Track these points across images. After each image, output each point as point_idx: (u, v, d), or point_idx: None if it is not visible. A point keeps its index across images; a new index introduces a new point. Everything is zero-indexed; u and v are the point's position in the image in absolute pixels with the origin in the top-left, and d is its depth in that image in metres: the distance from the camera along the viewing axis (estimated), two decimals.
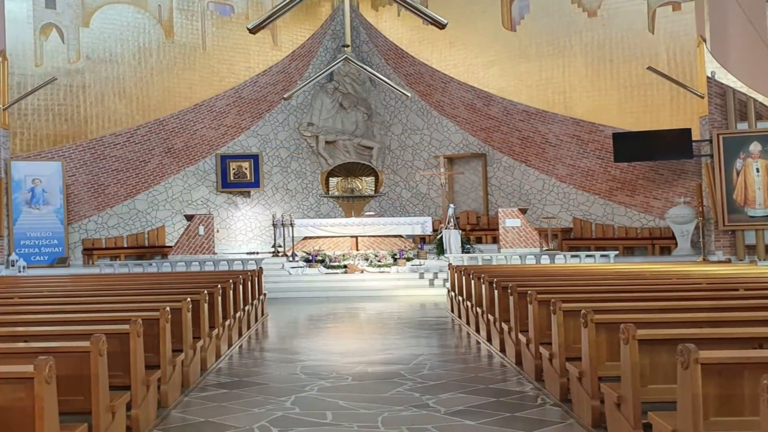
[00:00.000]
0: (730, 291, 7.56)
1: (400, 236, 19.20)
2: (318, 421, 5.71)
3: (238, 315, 10.26)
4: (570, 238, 20.10)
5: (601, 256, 16.71)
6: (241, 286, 10.73)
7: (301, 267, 17.34)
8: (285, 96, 19.90)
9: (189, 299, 7.31)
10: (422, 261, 17.55)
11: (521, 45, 21.81)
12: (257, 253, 20.53)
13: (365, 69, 19.21)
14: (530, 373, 7.19)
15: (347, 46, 18.21)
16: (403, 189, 23.73)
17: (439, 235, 18.60)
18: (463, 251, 18.05)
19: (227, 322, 9.33)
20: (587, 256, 16.81)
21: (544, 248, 17.89)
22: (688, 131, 17.61)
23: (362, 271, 17.09)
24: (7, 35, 18.96)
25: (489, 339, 9.35)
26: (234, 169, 21.83)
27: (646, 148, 17.92)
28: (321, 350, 9.17)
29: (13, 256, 17.36)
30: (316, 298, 15.48)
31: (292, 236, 19.19)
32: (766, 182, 16.87)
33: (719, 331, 4.92)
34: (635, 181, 19.46)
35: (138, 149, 20.61)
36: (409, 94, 20.63)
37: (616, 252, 17.28)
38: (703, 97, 17.60)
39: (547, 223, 19.14)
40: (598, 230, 19.91)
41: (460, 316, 11.74)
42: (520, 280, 9.07)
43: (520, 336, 7.65)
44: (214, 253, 18.28)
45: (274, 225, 19.84)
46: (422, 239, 20.44)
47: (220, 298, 8.96)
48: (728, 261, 15.16)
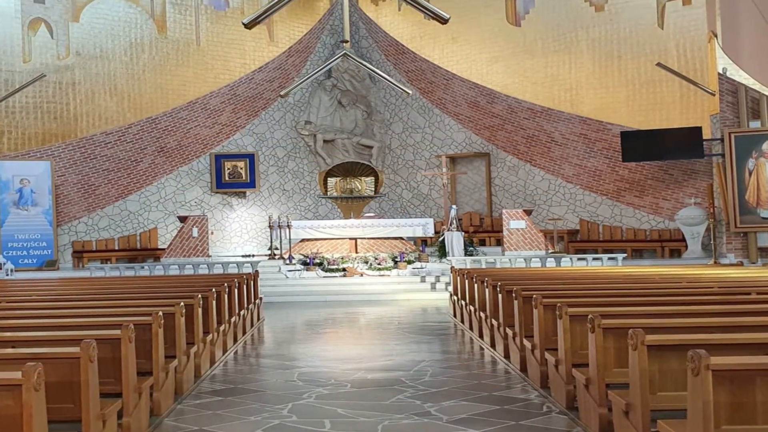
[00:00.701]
0: (743, 295, 7.56)
1: (401, 238, 19.20)
2: (316, 430, 5.71)
3: (233, 320, 10.26)
4: (576, 241, 20.11)
5: (609, 258, 16.71)
6: (236, 290, 10.73)
7: (298, 270, 17.34)
8: (282, 93, 19.92)
9: (182, 303, 7.31)
10: (424, 264, 17.55)
11: (526, 40, 21.82)
12: (253, 255, 20.53)
13: (365, 65, 19.22)
14: (535, 380, 7.19)
15: (346, 41, 18.21)
16: (404, 189, 23.74)
17: (441, 238, 18.60)
18: (465, 254, 18.06)
19: (222, 327, 9.33)
20: (594, 259, 16.81)
21: (549, 251, 17.89)
22: (698, 130, 17.62)
23: (362, 275, 17.09)
24: None
25: (493, 345, 9.35)
26: (229, 168, 21.84)
27: (656, 148, 17.93)
28: (319, 356, 9.17)
29: (1, 259, 17.37)
30: (313, 302, 15.48)
31: (289, 238, 19.20)
32: None
33: (731, 337, 4.92)
34: (644, 182, 19.47)
35: (130, 148, 20.62)
36: (410, 92, 20.64)
37: (624, 255, 17.28)
38: (714, 95, 17.61)
39: (552, 224, 19.14)
40: (606, 232, 19.92)
41: (462, 321, 11.74)
42: (525, 283, 9.07)
43: (525, 341, 7.65)
44: (209, 256, 18.28)
45: (270, 227, 19.83)
46: (424, 241, 20.44)
47: (214, 302, 8.96)
48: (740, 264, 15.16)
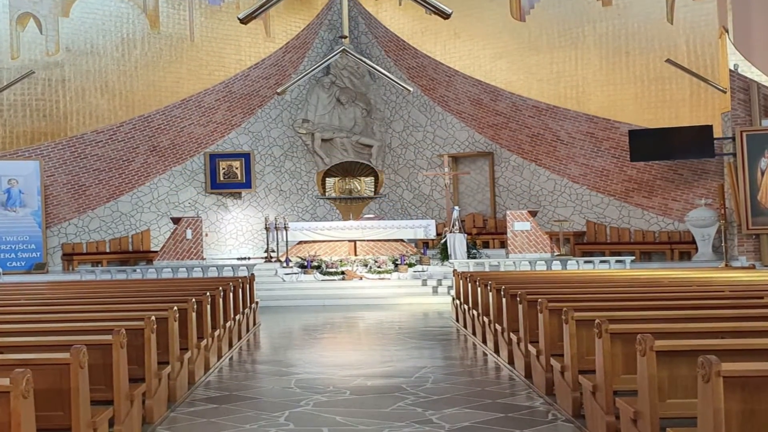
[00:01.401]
0: (755, 299, 7.56)
1: (402, 240, 19.20)
2: None
3: (228, 325, 10.27)
4: (583, 243, 20.11)
5: (617, 261, 16.71)
6: (231, 294, 10.74)
7: (295, 273, 17.34)
8: (278, 90, 19.92)
9: (176, 308, 7.32)
10: (425, 267, 17.55)
11: (531, 36, 21.82)
12: (249, 258, 20.54)
13: (364, 62, 19.23)
14: (540, 386, 7.19)
15: (345, 37, 18.21)
16: (405, 190, 23.74)
17: (443, 240, 18.60)
18: (468, 256, 18.06)
19: (217, 333, 9.34)
20: (601, 261, 16.81)
21: (555, 253, 17.90)
22: (709, 128, 17.62)
23: (361, 278, 17.10)
24: None
25: (496, 350, 9.36)
26: (224, 168, 21.85)
27: (665, 147, 17.93)
28: (317, 362, 9.17)
29: None
30: (311, 306, 15.49)
31: (286, 240, 19.20)
32: None
33: (743, 342, 4.92)
34: (653, 182, 19.47)
35: (121, 147, 20.63)
36: (411, 89, 20.64)
37: (633, 257, 17.29)
38: (725, 92, 17.61)
39: (558, 226, 19.14)
40: (613, 234, 19.92)
41: (465, 326, 11.74)
42: (530, 287, 9.08)
43: (530, 347, 7.65)
44: (203, 259, 18.28)
45: (266, 228, 19.83)
46: (425, 244, 20.43)
47: (209, 306, 8.96)
48: (752, 267, 15.15)
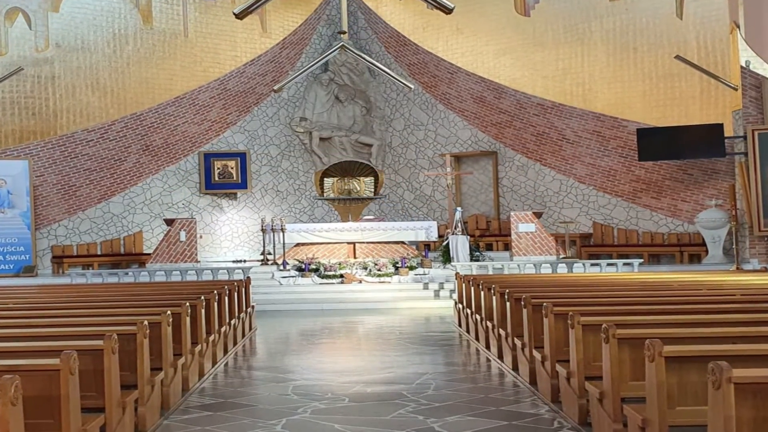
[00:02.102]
0: (767, 303, 7.56)
1: (403, 243, 19.20)
2: None
3: (223, 329, 10.26)
4: (590, 245, 20.11)
5: (624, 264, 16.70)
6: (226, 298, 10.73)
7: (292, 276, 17.33)
8: (275, 88, 19.92)
9: (169, 312, 7.32)
10: (427, 270, 17.55)
11: (536, 31, 21.83)
12: (244, 261, 20.53)
13: (364, 58, 19.23)
14: (546, 393, 7.19)
15: (344, 32, 18.22)
16: (406, 191, 23.74)
17: (446, 242, 18.60)
18: (471, 259, 18.06)
19: (211, 338, 9.34)
20: (609, 264, 16.81)
21: (561, 256, 17.89)
22: (720, 127, 17.62)
23: (360, 281, 17.09)
24: None
25: (500, 356, 9.35)
26: (219, 168, 21.85)
27: (674, 146, 17.93)
28: (315, 368, 9.17)
29: None
30: (309, 310, 15.48)
31: (283, 243, 19.19)
32: None
33: (755, 348, 4.92)
34: (662, 182, 19.47)
35: (113, 147, 20.63)
36: (412, 86, 20.63)
37: (641, 260, 17.27)
38: (736, 89, 17.61)
39: (564, 228, 19.14)
40: (621, 236, 19.92)
41: (468, 331, 11.74)
42: (535, 291, 9.07)
43: (535, 353, 7.65)
44: (197, 261, 18.27)
45: (263, 230, 19.83)
46: (426, 246, 20.42)
47: (203, 310, 8.96)
48: (764, 270, 15.15)
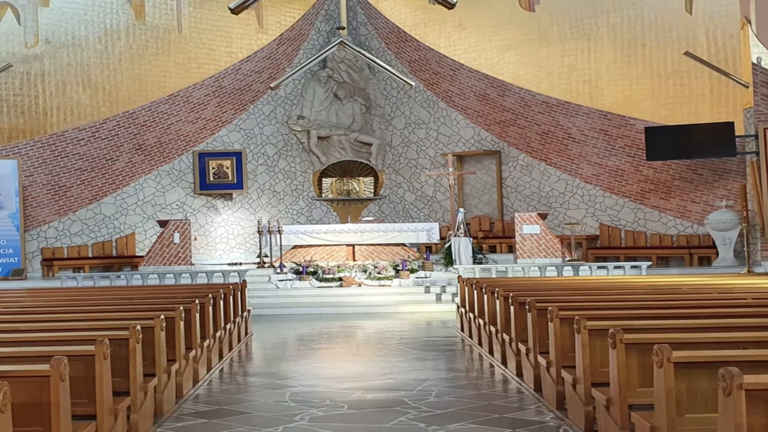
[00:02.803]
0: None
1: (403, 245, 19.20)
2: None
3: (218, 334, 10.26)
4: (596, 247, 20.11)
5: (632, 267, 16.71)
6: (222, 302, 10.74)
7: (290, 280, 17.33)
8: (272, 85, 19.92)
9: (162, 316, 7.32)
10: (428, 273, 17.54)
11: (541, 27, 21.83)
12: (240, 263, 20.53)
13: (363, 54, 19.24)
14: (551, 400, 7.19)
15: (343, 28, 18.23)
16: (407, 191, 23.74)
17: (448, 244, 18.59)
18: (474, 262, 18.05)
19: (206, 343, 9.33)
20: (616, 267, 16.81)
21: (566, 258, 17.89)
22: (730, 125, 17.62)
23: (360, 285, 17.09)
24: None
25: (504, 362, 9.35)
26: (214, 168, 21.85)
27: (683, 145, 17.93)
28: (313, 374, 9.18)
29: None
30: (307, 315, 15.48)
31: (280, 245, 19.19)
32: None
33: (766, 353, 4.92)
34: (670, 182, 19.47)
35: (104, 146, 20.64)
36: (413, 83, 20.65)
37: (649, 263, 17.28)
38: (747, 87, 17.61)
39: (570, 229, 19.14)
40: (628, 238, 19.92)
41: (471, 336, 11.74)
42: (540, 294, 9.08)
43: (540, 358, 7.65)
44: (192, 264, 18.28)
45: (259, 232, 19.83)
46: (428, 248, 20.42)
47: (198, 315, 8.96)
48: None
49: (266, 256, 19.57)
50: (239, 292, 12.49)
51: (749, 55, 17.54)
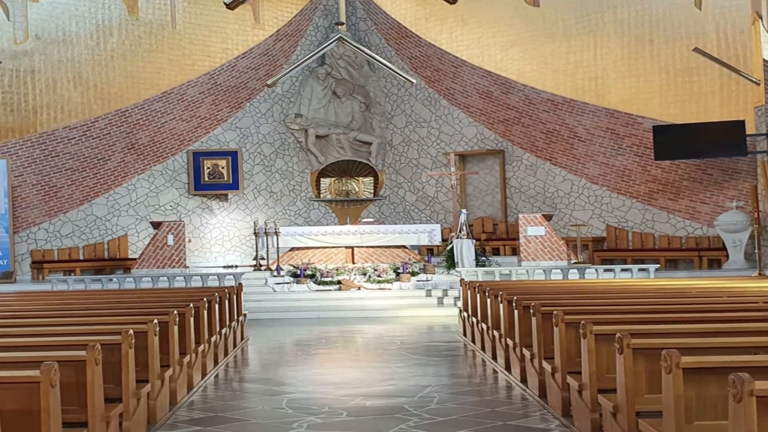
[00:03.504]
0: None
1: (404, 247, 19.20)
2: None
3: (213, 339, 10.26)
4: (603, 249, 20.11)
5: (639, 270, 16.71)
6: (217, 306, 10.73)
7: (287, 283, 17.33)
8: (269, 83, 19.94)
9: (156, 321, 7.32)
10: (429, 276, 17.54)
11: (546, 22, 21.84)
12: (236, 266, 20.53)
13: (363, 51, 19.25)
14: (556, 407, 7.19)
15: (342, 23, 18.25)
16: (407, 192, 23.74)
17: (450, 246, 18.59)
18: (477, 264, 18.05)
19: (201, 348, 9.34)
20: (623, 270, 16.81)
21: (572, 261, 17.89)
22: (741, 124, 17.63)
23: (359, 288, 17.09)
24: None
25: (508, 367, 9.36)
26: (209, 168, 21.86)
27: (692, 144, 17.94)
28: (311, 380, 9.18)
29: None
30: (305, 319, 15.48)
31: (277, 247, 19.18)
32: None
33: None
34: (679, 183, 19.48)
35: (96, 145, 20.64)
36: (414, 81, 20.66)
37: (657, 265, 17.27)
38: (758, 84, 17.62)
39: (575, 231, 19.14)
40: (636, 240, 19.92)
41: (473, 341, 11.74)
42: (544, 298, 9.08)
43: (545, 364, 7.65)
44: (186, 267, 18.27)
45: (255, 234, 19.82)
46: (429, 250, 20.42)
47: (192, 319, 8.96)
48: None
49: (263, 259, 19.57)
50: (235, 296, 12.49)
51: (760, 52, 17.54)
